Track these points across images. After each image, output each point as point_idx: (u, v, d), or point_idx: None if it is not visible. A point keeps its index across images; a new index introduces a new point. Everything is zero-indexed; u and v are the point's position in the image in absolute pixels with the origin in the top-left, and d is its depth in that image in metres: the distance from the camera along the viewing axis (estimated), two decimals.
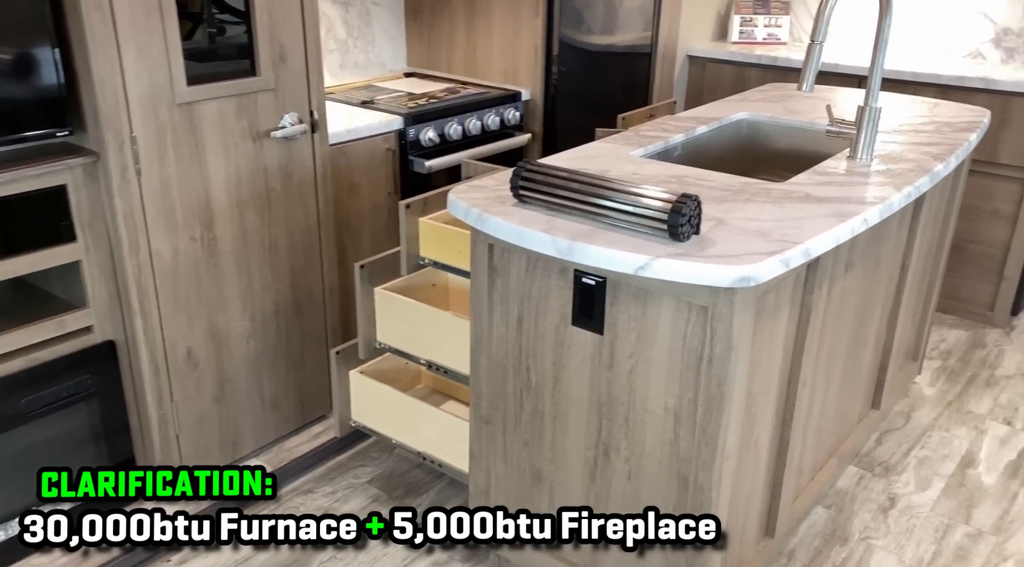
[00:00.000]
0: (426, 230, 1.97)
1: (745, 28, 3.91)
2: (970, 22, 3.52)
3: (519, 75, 3.07)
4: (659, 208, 1.45)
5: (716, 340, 1.47)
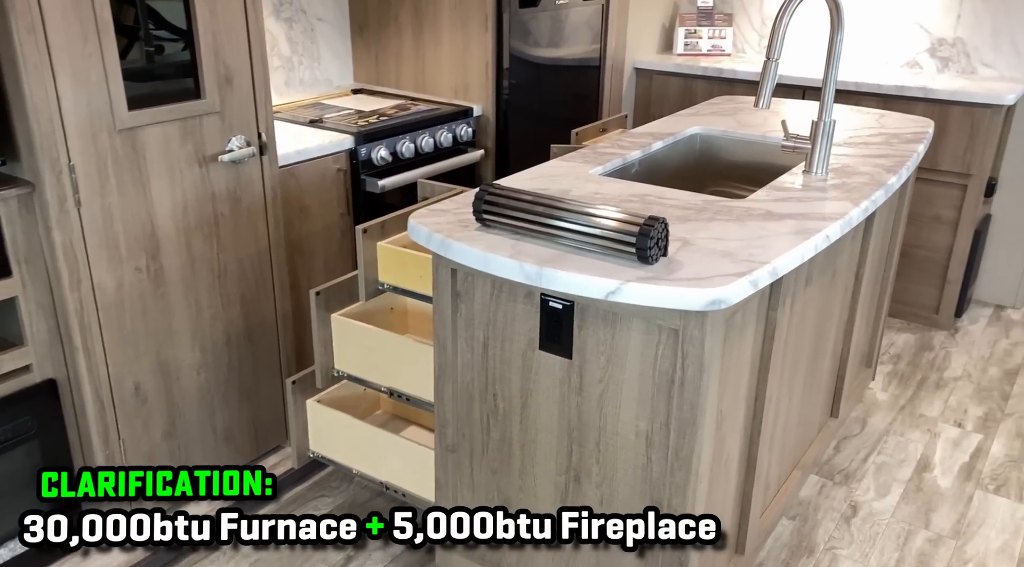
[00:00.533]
0: (385, 255, 1.92)
1: (690, 40, 3.94)
2: (907, 33, 3.61)
3: (470, 90, 3.04)
4: (627, 231, 1.43)
5: (688, 363, 1.45)
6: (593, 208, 1.49)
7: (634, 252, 1.43)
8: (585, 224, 1.47)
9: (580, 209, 1.49)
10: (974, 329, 3.49)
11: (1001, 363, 3.22)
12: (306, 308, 2.53)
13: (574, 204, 1.51)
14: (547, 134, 3.29)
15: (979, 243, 3.44)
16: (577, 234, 1.49)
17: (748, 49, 4.02)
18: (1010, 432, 2.77)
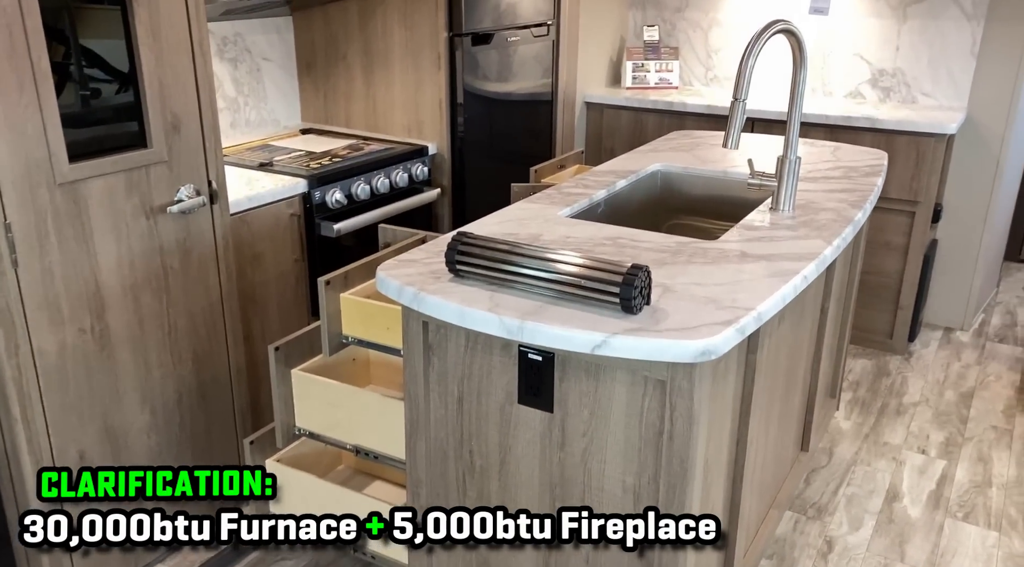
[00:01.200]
0: (349, 307, 1.83)
1: (638, 74, 3.97)
2: (849, 64, 3.69)
3: (424, 129, 2.98)
4: (610, 280, 1.38)
5: (676, 415, 1.40)
6: (572, 257, 1.44)
7: (618, 302, 1.38)
8: (566, 274, 1.42)
9: (560, 259, 1.44)
10: (927, 353, 3.54)
11: (956, 386, 3.26)
12: (260, 360, 2.41)
13: (552, 253, 1.46)
14: (503, 170, 3.25)
15: (928, 268, 3.50)
16: (557, 284, 1.43)
17: (695, 82, 4.06)
18: (972, 457, 2.79)
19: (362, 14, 2.96)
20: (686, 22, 4.01)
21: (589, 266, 1.41)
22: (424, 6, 2.82)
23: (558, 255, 1.45)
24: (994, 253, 3.86)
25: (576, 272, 1.41)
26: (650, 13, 4.07)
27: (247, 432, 2.32)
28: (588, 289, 1.40)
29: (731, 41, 3.92)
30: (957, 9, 3.43)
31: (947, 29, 3.47)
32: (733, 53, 3.93)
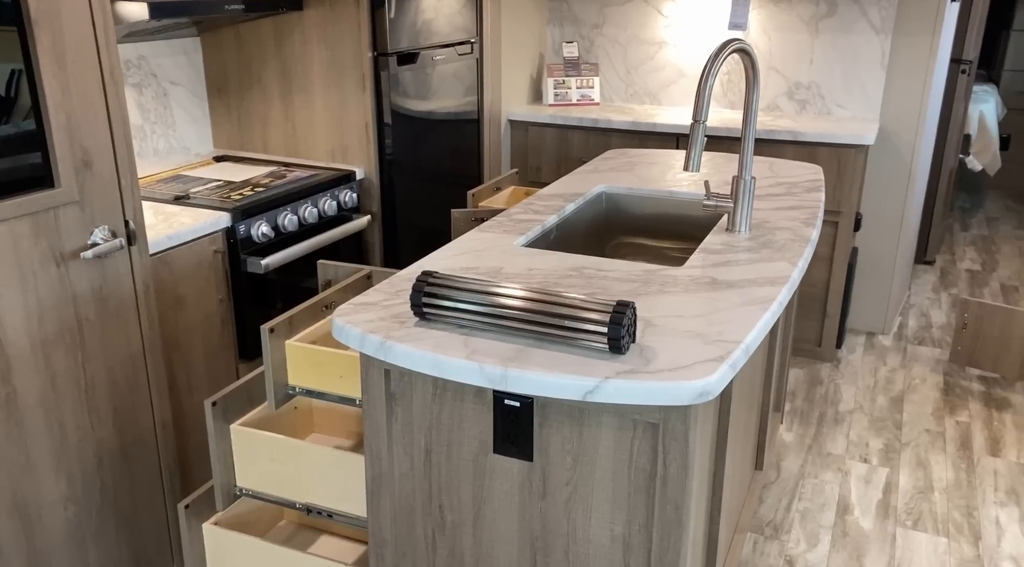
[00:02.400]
0: (297, 355, 1.68)
1: (559, 90, 3.92)
2: (765, 78, 3.75)
3: (349, 153, 2.83)
4: (596, 320, 1.29)
5: (670, 459, 1.32)
6: (552, 295, 1.34)
7: (605, 343, 1.29)
8: (547, 314, 1.32)
9: (539, 297, 1.34)
10: (854, 358, 3.61)
11: (886, 391, 3.33)
12: (188, 412, 2.21)
13: (530, 292, 1.36)
14: (433, 193, 3.13)
15: (851, 275, 3.58)
16: (538, 326, 1.33)
17: (615, 98, 4.05)
18: (911, 462, 2.84)
19: (277, 34, 2.79)
20: (604, 38, 3.99)
21: (572, 305, 1.31)
22: (346, 26, 2.68)
23: (537, 294, 1.35)
24: (906, 258, 3.99)
25: (558, 312, 1.32)
26: (568, 29, 4.03)
27: (176, 493, 2.11)
28: (572, 330, 1.31)
29: (650, 57, 3.93)
30: (866, 23, 3.53)
31: (858, 43, 3.56)
32: (653, 69, 3.94)
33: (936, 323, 3.99)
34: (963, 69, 4.44)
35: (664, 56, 3.90)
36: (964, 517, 2.55)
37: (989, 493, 2.67)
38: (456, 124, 3.24)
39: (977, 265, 4.83)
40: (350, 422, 2.01)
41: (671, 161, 2.65)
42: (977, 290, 4.43)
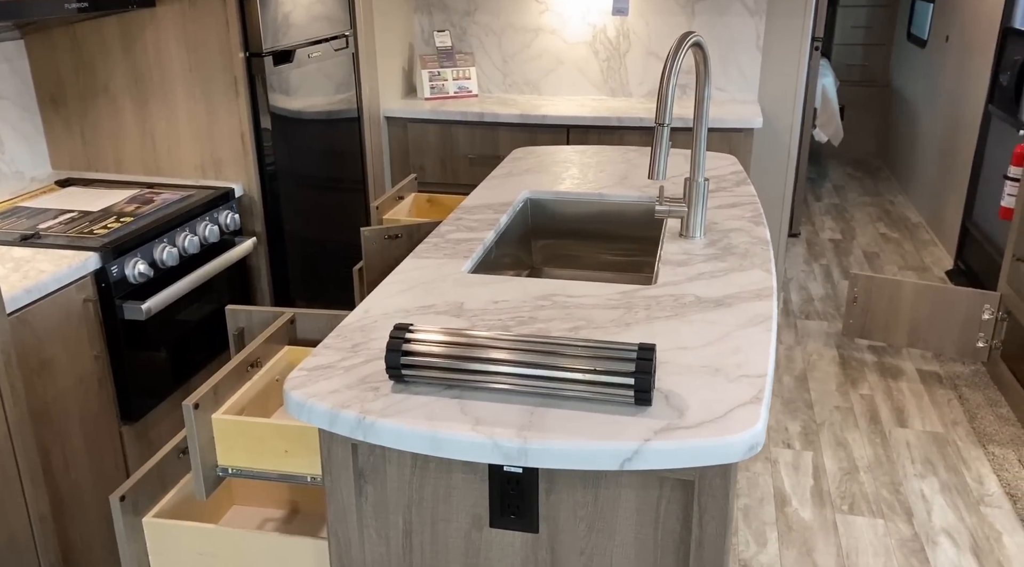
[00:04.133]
0: (228, 431, 1.39)
1: (435, 83, 3.68)
2: (645, 63, 3.68)
3: (223, 167, 2.49)
4: (618, 370, 1.11)
5: (707, 519, 1.16)
6: (560, 342, 1.15)
7: (631, 395, 1.11)
8: (559, 368, 1.12)
9: (546, 347, 1.14)
10: None
11: (789, 370, 3.37)
12: (69, 496, 1.85)
13: (533, 341, 1.15)
14: (320, 205, 2.83)
15: None
16: (549, 382, 1.13)
17: (493, 88, 3.86)
18: (831, 443, 2.87)
19: (124, 35, 2.40)
20: (478, 26, 3.79)
21: (588, 354, 1.12)
22: (210, 22, 2.33)
23: (542, 342, 1.15)
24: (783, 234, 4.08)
25: (572, 366, 1.12)
26: (438, 18, 3.80)
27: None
28: (592, 383, 1.12)
29: (527, 45, 3.76)
30: (741, 5, 3.52)
31: (733, 25, 3.56)
32: (530, 57, 3.78)
33: (816, 296, 4.11)
34: (816, 46, 4.59)
35: (542, 44, 3.74)
36: (892, 495, 2.59)
37: (908, 466, 2.73)
38: (335, 125, 2.94)
39: (837, 234, 5.05)
40: (274, 488, 1.73)
41: (586, 159, 2.50)
42: (844, 259, 4.61)
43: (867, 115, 6.90)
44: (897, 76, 6.49)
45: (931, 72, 5.39)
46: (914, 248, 4.79)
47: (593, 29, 3.67)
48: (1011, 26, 4.04)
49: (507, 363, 1.14)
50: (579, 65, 3.74)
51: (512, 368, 1.14)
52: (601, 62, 3.72)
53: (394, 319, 1.41)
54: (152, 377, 2.09)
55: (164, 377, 2.14)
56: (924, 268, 4.48)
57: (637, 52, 3.66)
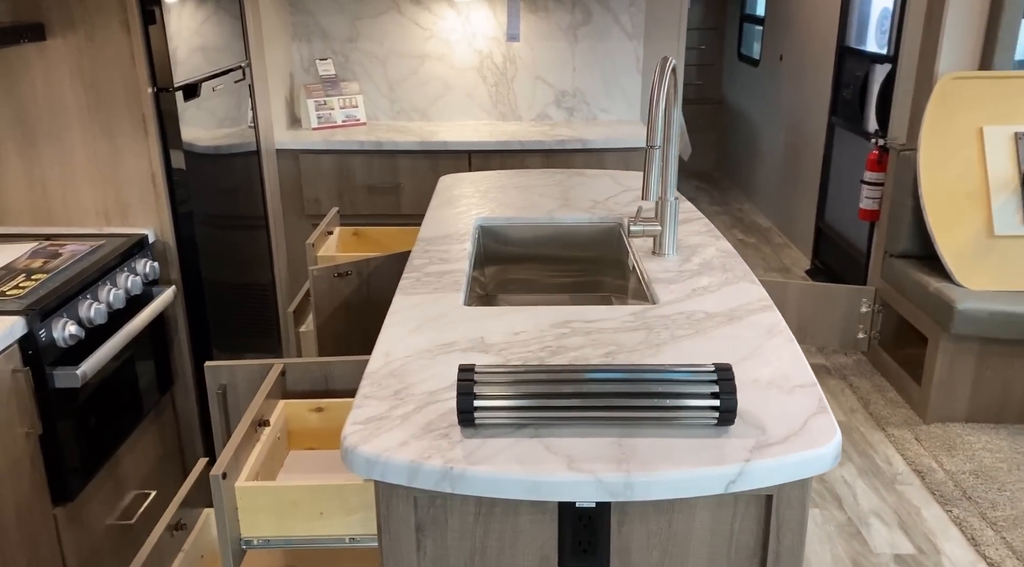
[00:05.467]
0: (254, 499, 1.25)
1: (322, 112, 3.56)
2: (533, 87, 3.74)
3: (130, 212, 2.27)
4: (701, 393, 1.11)
5: (785, 531, 1.19)
6: (631, 368, 1.13)
7: (714, 417, 1.12)
8: (643, 395, 1.11)
9: (629, 376, 1.12)
10: None
11: None
12: None
13: (606, 371, 1.13)
14: (231, 246, 2.65)
15: None
16: (632, 410, 1.11)
17: (381, 115, 3.78)
18: None
19: (6, 73, 2.14)
20: (361, 54, 3.70)
21: (671, 378, 1.12)
22: (111, 56, 2.13)
23: (618, 371, 1.13)
24: None
25: (655, 390, 1.11)
26: (318, 46, 3.68)
27: None
28: (676, 408, 1.11)
29: (413, 72, 3.72)
30: (620, 30, 3.67)
31: (613, 49, 3.69)
32: (418, 83, 3.73)
33: None
34: None
35: (429, 70, 3.71)
36: (820, 483, 2.75)
37: None
38: (237, 161, 2.77)
39: None
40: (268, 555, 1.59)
41: (518, 183, 2.50)
42: None
43: (705, 131, 7.37)
44: (730, 93, 6.97)
45: (766, 89, 5.84)
46: (772, 251, 5.15)
47: (480, 55, 3.69)
48: (847, 45, 4.46)
49: (590, 396, 1.11)
50: (468, 90, 3.74)
51: (595, 400, 1.11)
52: (490, 87, 3.74)
53: (420, 361, 1.34)
54: (85, 450, 1.87)
55: (96, 449, 1.92)
56: (786, 269, 4.82)
57: (524, 77, 3.72)
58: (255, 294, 2.90)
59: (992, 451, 2.88)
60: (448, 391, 1.24)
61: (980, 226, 3.08)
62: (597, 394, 1.11)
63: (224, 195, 2.63)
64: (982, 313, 2.87)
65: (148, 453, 2.21)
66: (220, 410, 1.52)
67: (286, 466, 1.47)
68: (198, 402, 2.42)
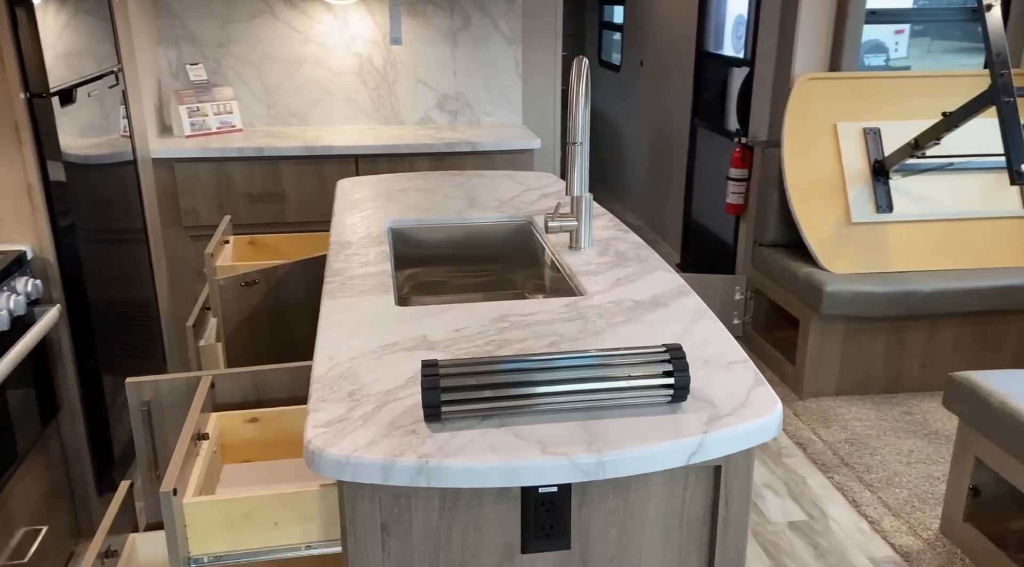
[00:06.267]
0: (205, 513, 1.19)
1: (195, 119, 3.42)
2: (415, 91, 3.74)
3: (5, 227, 2.10)
4: (656, 372, 1.16)
5: (733, 498, 1.26)
6: (587, 354, 1.17)
7: (668, 394, 1.17)
8: (603, 378, 1.15)
9: (587, 361, 1.16)
10: None
11: None
12: None
13: (565, 358, 1.16)
14: (112, 260, 2.50)
15: None
16: (593, 394, 1.15)
17: (257, 121, 3.67)
18: None
19: None
20: (233, 58, 3.57)
21: (627, 361, 1.16)
22: None
23: (576, 357, 1.17)
24: None
25: (614, 374, 1.15)
26: (187, 50, 3.52)
27: None
28: (633, 389, 1.16)
29: (290, 76, 3.63)
30: (499, 34, 3.73)
31: (494, 53, 3.75)
32: (294, 88, 3.65)
33: None
34: None
35: (306, 74, 3.64)
36: None
37: None
38: (114, 170, 2.61)
39: None
40: None
41: (419, 185, 2.50)
42: None
43: None
44: (593, 98, 7.21)
45: (629, 93, 6.08)
46: None
47: (360, 59, 3.65)
48: (706, 50, 4.72)
49: (555, 382, 1.14)
50: (348, 95, 3.69)
51: (559, 386, 1.14)
52: (370, 91, 3.71)
53: (366, 362, 1.33)
54: None
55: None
56: None
57: (406, 80, 3.71)
58: (137, 311, 2.74)
59: (862, 420, 3.13)
60: (405, 389, 1.23)
61: (839, 215, 3.35)
62: (561, 381, 1.14)
63: (102, 207, 2.47)
64: (847, 294, 3.12)
65: (35, 487, 2.05)
66: (145, 428, 1.44)
67: (223, 480, 1.41)
68: (87, 427, 2.26)
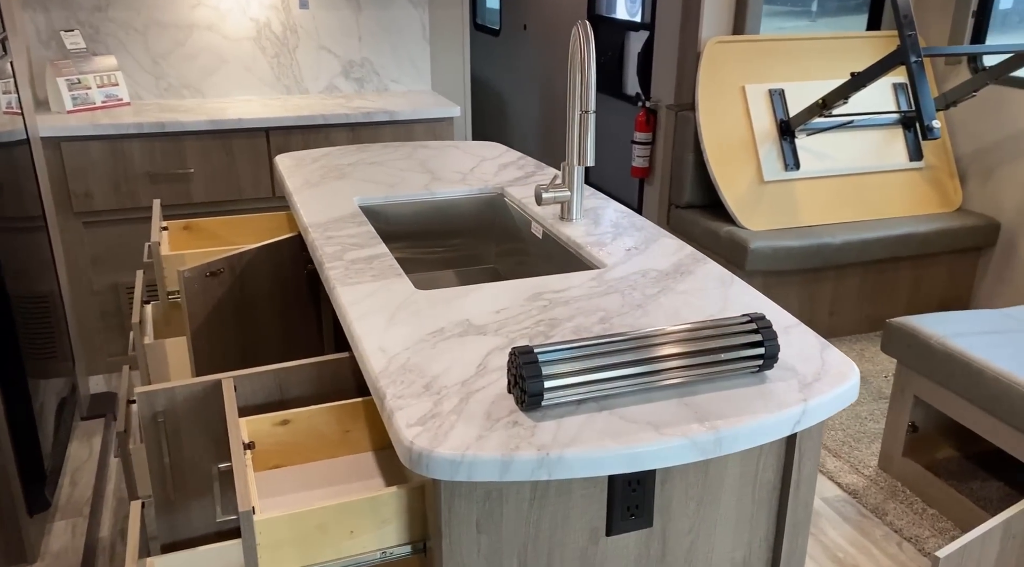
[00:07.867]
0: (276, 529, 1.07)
1: (77, 92, 3.07)
2: (318, 58, 3.53)
3: None
4: (747, 342, 1.14)
5: (805, 461, 1.27)
6: (690, 328, 1.14)
7: (757, 364, 1.16)
8: (698, 353, 1.12)
9: (682, 336, 1.12)
10: None
11: None
12: None
13: (661, 333, 1.12)
14: (13, 251, 2.21)
15: None
16: (690, 370, 1.12)
17: (145, 94, 3.35)
18: None
19: None
20: (114, 24, 3.23)
21: (713, 334, 1.13)
22: None
23: (674, 333, 1.13)
24: None
25: (708, 347, 1.12)
26: (58, 15, 3.15)
27: None
28: (728, 361, 1.13)
29: (180, 44, 3.33)
30: None
31: (399, 17, 3.59)
32: (186, 57, 3.35)
33: None
34: None
35: (199, 41, 3.34)
36: None
37: None
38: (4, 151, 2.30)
39: None
40: None
41: (369, 157, 2.35)
42: None
43: None
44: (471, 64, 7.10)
45: (511, 57, 6.03)
46: None
47: (256, 24, 3.39)
48: (599, 14, 4.74)
49: (653, 361, 1.09)
50: (245, 63, 3.43)
51: (658, 365, 1.10)
52: (270, 59, 3.46)
53: (422, 352, 1.23)
54: None
55: None
56: None
57: (308, 47, 3.49)
58: (36, 308, 2.45)
59: None
60: (480, 378, 1.15)
61: (752, 174, 3.47)
62: (660, 358, 1.10)
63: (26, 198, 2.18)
64: (768, 249, 3.25)
65: None
66: (157, 442, 1.27)
67: (261, 491, 1.27)
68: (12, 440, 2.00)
